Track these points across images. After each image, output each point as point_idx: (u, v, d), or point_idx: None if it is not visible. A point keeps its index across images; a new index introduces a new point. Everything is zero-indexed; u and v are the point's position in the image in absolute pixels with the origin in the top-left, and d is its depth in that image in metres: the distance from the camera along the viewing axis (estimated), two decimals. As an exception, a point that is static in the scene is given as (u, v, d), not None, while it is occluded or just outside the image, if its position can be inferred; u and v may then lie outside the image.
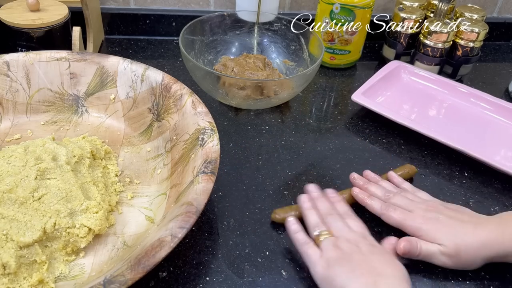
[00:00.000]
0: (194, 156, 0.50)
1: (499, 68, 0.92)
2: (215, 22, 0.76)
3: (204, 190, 0.44)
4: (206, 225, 0.51)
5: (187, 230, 0.41)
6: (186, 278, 0.46)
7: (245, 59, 0.73)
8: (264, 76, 0.69)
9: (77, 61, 0.61)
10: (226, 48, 0.79)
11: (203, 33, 0.75)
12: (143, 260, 0.38)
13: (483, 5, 0.97)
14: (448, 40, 0.78)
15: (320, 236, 0.46)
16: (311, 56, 0.74)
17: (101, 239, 0.47)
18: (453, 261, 0.47)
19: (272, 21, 0.78)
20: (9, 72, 0.60)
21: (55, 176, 0.47)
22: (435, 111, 0.73)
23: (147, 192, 0.53)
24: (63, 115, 0.62)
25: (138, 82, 0.61)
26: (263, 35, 0.80)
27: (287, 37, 0.78)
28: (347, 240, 0.45)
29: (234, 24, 0.78)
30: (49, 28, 0.69)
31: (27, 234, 0.43)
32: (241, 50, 0.79)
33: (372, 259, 0.42)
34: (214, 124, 0.53)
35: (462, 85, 0.77)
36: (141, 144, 0.59)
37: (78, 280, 0.43)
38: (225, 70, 0.72)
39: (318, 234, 0.46)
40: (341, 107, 0.75)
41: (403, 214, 0.50)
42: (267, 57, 0.76)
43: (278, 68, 0.77)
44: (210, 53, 0.77)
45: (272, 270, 0.47)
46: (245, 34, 0.79)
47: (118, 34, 0.87)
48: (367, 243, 0.45)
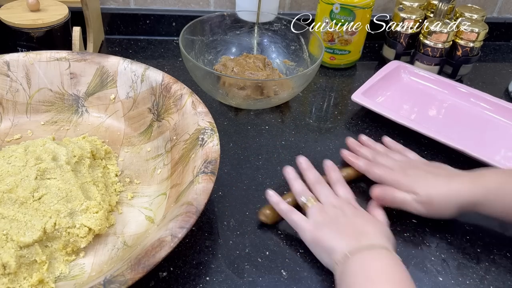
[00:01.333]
0: (194, 156, 0.50)
1: (499, 68, 0.92)
2: (215, 22, 0.76)
3: (204, 190, 0.44)
4: (206, 225, 0.51)
5: (187, 230, 0.41)
6: (186, 278, 0.46)
7: (245, 59, 0.73)
8: (264, 76, 0.69)
9: (77, 61, 0.61)
10: (226, 48, 0.79)
11: (203, 33, 0.75)
12: (143, 260, 0.38)
13: (483, 5, 0.97)
14: (448, 40, 0.78)
15: (307, 203, 0.49)
16: (311, 56, 0.74)
17: (101, 239, 0.47)
18: (426, 208, 0.50)
19: (272, 21, 0.78)
20: (9, 72, 0.60)
21: (55, 176, 0.47)
22: (435, 111, 0.73)
23: (147, 192, 0.53)
24: (63, 115, 0.62)
25: (138, 82, 0.61)
26: (263, 35, 0.80)
27: (287, 37, 0.78)
28: (333, 205, 0.48)
29: (234, 24, 0.78)
30: (49, 28, 0.69)
31: (27, 234, 0.43)
32: (241, 50, 0.79)
33: (355, 221, 0.46)
34: (214, 124, 0.53)
35: (462, 85, 0.77)
36: (141, 144, 0.59)
37: (78, 280, 0.43)
38: (225, 70, 0.72)
39: (305, 201, 0.49)
40: (341, 107, 0.75)
41: (385, 171, 0.54)
42: (267, 57, 0.76)
43: (278, 68, 0.77)
44: (210, 53, 0.77)
45: (272, 270, 0.47)
46: (245, 34, 0.79)
47: (118, 34, 0.87)
48: (351, 207, 0.48)
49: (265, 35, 0.79)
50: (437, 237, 0.53)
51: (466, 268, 0.50)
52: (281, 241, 0.50)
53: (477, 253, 0.51)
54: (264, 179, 0.58)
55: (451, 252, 0.51)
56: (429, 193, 0.50)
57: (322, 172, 0.55)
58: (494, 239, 0.53)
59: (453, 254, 0.51)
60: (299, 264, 0.48)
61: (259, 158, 0.62)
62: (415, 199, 0.50)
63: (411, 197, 0.51)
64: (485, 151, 0.62)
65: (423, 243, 0.52)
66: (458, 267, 0.50)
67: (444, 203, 0.50)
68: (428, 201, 0.50)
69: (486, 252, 0.51)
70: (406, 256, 0.50)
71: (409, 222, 0.54)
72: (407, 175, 0.52)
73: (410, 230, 0.53)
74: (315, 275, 0.47)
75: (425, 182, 0.51)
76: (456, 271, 0.49)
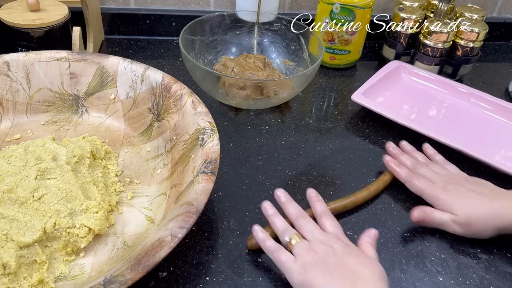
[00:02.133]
0: (194, 156, 0.50)
1: (499, 68, 0.92)
2: (215, 22, 0.76)
3: (204, 190, 0.44)
4: (206, 225, 0.51)
5: (187, 230, 0.41)
6: (186, 278, 0.46)
7: (245, 59, 0.73)
8: (264, 76, 0.69)
9: (77, 61, 0.61)
10: (226, 48, 0.79)
11: (203, 33, 0.75)
12: (143, 260, 0.38)
13: (483, 5, 0.97)
14: (448, 40, 0.78)
15: (291, 241, 0.44)
16: (311, 56, 0.74)
17: (101, 239, 0.47)
18: (464, 229, 0.49)
19: (272, 21, 0.78)
20: (9, 72, 0.60)
21: (55, 176, 0.47)
22: (435, 111, 0.73)
23: (147, 192, 0.53)
24: (63, 115, 0.62)
25: (138, 82, 0.61)
26: (263, 35, 0.80)
27: (287, 37, 0.78)
28: (320, 242, 0.44)
29: (234, 24, 0.78)
30: (49, 28, 0.69)
31: (27, 234, 0.43)
32: (241, 50, 0.79)
33: (348, 261, 0.42)
34: (214, 124, 0.53)
35: (462, 85, 0.77)
36: (141, 144, 0.59)
37: (78, 280, 0.43)
38: (225, 70, 0.72)
39: (288, 240, 0.44)
40: (341, 107, 0.75)
41: (425, 184, 0.53)
42: (267, 57, 0.76)
43: (278, 68, 0.77)
44: (210, 53, 0.77)
45: (272, 270, 0.47)
46: (245, 34, 0.79)
47: (118, 34, 0.87)
48: (341, 244, 0.44)
49: (265, 35, 0.79)
50: (437, 237, 0.53)
51: (466, 268, 0.50)
52: (281, 241, 0.50)
53: (477, 253, 0.51)
54: (264, 179, 0.58)
55: (451, 252, 0.51)
56: (468, 213, 0.49)
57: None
58: (494, 239, 0.53)
59: (453, 254, 0.51)
60: (299, 264, 0.48)
61: (259, 158, 0.62)
62: (453, 220, 0.49)
63: (449, 217, 0.50)
64: (485, 151, 0.62)
65: (423, 243, 0.52)
66: (458, 267, 0.50)
67: (483, 225, 0.49)
68: (466, 223, 0.49)
69: (486, 252, 0.51)
70: (406, 256, 0.50)
71: (409, 222, 0.54)
72: (447, 190, 0.51)
73: (410, 230, 0.53)
74: (315, 275, 0.47)
75: (464, 201, 0.50)
76: (456, 271, 0.49)
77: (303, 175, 0.60)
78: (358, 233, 0.52)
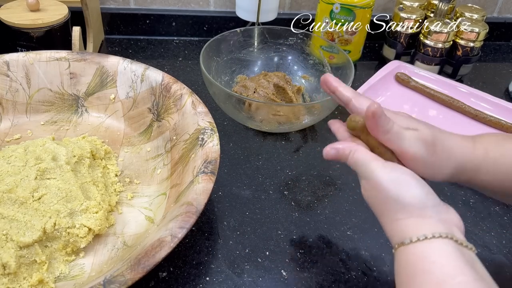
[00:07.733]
0: (194, 156, 0.50)
1: (499, 68, 0.92)
2: (229, 40, 0.72)
3: (204, 190, 0.44)
4: (206, 225, 0.51)
5: (187, 230, 0.41)
6: (186, 278, 0.46)
7: (265, 78, 0.69)
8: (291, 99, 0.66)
9: (77, 61, 0.61)
10: (241, 66, 0.75)
11: (218, 54, 0.71)
12: (143, 260, 0.38)
13: (483, 5, 0.97)
14: (448, 40, 0.78)
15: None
16: (332, 70, 0.70)
17: (101, 239, 0.47)
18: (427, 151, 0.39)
19: (287, 35, 0.74)
20: (9, 72, 0.60)
21: (55, 176, 0.47)
22: (435, 111, 0.73)
23: (147, 192, 0.53)
24: (63, 115, 0.62)
25: (138, 82, 0.61)
26: (277, 51, 0.76)
27: (304, 51, 0.75)
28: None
29: (248, 41, 0.74)
30: (49, 28, 0.69)
31: (27, 234, 0.43)
32: (258, 68, 0.76)
33: None
34: (214, 124, 0.53)
35: (462, 85, 0.77)
36: (141, 144, 0.59)
37: (78, 280, 0.43)
38: (246, 92, 0.68)
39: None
40: (341, 107, 0.74)
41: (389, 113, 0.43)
42: (287, 73, 0.73)
43: (299, 84, 0.73)
44: (226, 74, 0.73)
45: (272, 270, 0.47)
46: (259, 50, 0.76)
47: (118, 34, 0.87)
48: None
49: (280, 50, 0.76)
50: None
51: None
52: (281, 241, 0.50)
53: (477, 253, 0.51)
54: (264, 179, 0.58)
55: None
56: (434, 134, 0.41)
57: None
58: (494, 239, 0.53)
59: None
60: (299, 264, 0.48)
61: (259, 158, 0.62)
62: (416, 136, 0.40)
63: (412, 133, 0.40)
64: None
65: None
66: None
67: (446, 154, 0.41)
68: (431, 143, 0.40)
69: (486, 252, 0.51)
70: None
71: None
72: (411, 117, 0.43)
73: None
74: (315, 275, 0.47)
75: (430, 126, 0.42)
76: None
77: (303, 175, 0.60)
78: (358, 233, 0.52)
